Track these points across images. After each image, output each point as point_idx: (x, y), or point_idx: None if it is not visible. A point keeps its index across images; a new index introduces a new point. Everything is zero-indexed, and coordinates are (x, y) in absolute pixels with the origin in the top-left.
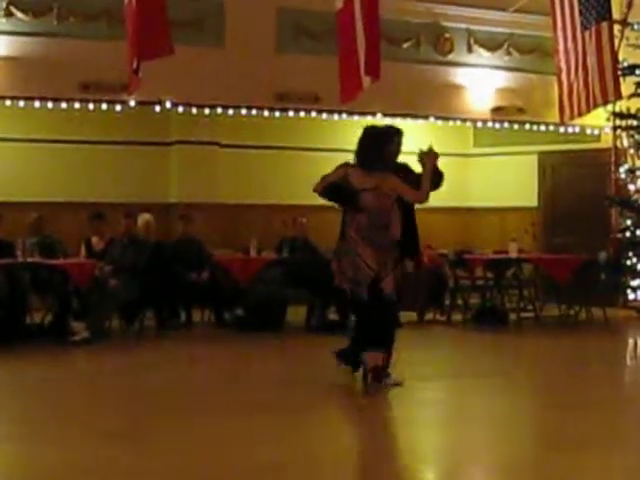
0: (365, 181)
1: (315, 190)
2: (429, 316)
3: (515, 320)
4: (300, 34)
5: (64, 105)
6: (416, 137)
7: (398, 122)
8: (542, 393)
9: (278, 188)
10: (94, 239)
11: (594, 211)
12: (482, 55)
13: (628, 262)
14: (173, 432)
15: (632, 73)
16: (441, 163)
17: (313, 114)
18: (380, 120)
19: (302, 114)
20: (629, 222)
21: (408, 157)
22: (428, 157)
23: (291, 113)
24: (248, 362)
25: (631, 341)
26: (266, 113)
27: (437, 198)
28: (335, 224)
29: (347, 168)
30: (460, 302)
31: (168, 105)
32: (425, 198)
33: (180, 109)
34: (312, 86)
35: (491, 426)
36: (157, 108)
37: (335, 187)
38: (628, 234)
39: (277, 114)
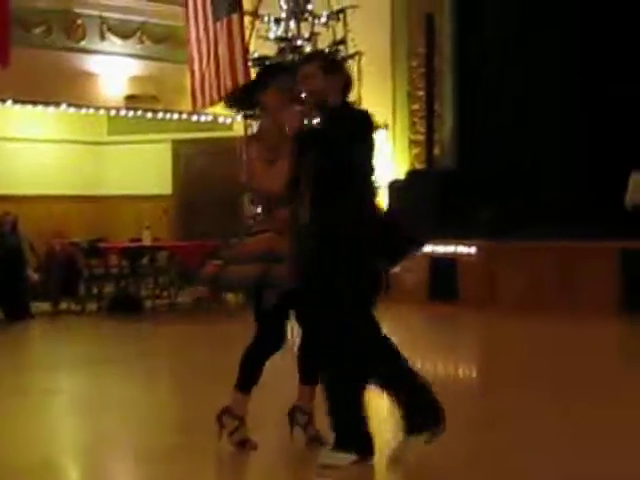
0: None
1: None
2: (63, 306)
3: (150, 307)
4: None
5: None
6: (48, 125)
7: (29, 109)
8: (178, 376)
9: None
10: None
11: (227, 198)
12: (115, 43)
13: None
14: None
15: (262, 64)
16: (75, 152)
17: None
18: (10, 107)
19: None
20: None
21: (34, 145)
22: None
23: None
24: None
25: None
26: None
27: (69, 186)
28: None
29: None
30: (95, 291)
31: None
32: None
33: None
34: None
35: (127, 413)
36: None
37: None
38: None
39: None
